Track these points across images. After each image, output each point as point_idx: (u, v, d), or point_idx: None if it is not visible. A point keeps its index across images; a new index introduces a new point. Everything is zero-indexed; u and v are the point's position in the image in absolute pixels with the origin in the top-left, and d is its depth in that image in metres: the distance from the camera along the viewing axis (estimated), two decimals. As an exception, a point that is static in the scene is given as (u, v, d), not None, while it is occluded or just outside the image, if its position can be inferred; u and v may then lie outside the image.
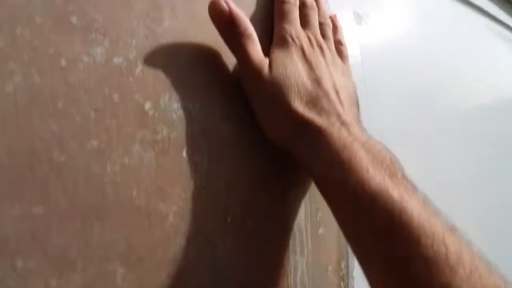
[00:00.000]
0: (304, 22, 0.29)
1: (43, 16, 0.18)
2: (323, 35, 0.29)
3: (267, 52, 0.26)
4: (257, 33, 0.25)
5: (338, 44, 0.30)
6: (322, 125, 0.24)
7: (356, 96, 0.29)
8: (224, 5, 0.23)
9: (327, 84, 0.26)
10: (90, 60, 0.19)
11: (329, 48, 0.29)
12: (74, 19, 0.19)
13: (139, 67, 0.21)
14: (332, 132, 0.23)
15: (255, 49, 0.25)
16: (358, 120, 0.27)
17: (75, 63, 0.19)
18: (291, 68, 0.25)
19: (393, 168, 0.23)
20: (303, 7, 0.29)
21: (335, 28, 0.31)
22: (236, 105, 0.26)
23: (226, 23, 0.24)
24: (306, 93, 0.25)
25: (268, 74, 0.24)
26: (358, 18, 0.36)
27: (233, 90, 0.26)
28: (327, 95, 0.25)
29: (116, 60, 0.20)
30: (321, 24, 0.30)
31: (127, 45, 0.21)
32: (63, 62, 0.18)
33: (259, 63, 0.24)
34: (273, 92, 0.24)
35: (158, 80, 0.22)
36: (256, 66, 0.24)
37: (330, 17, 0.31)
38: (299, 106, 0.24)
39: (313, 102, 0.25)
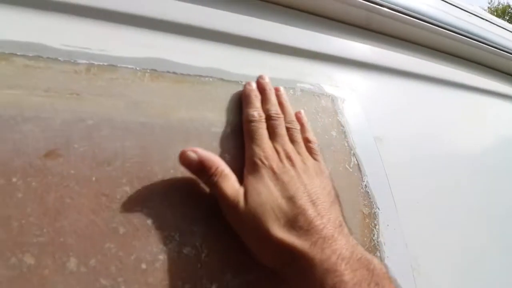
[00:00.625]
0: (272, 133, 0.30)
1: (125, 225, 0.21)
2: (292, 140, 0.31)
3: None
4: (232, 153, 0.28)
5: (307, 143, 0.31)
6: (304, 248, 0.23)
7: (334, 191, 0.30)
8: (192, 154, 0.25)
9: (302, 199, 0.26)
10: (164, 257, 0.21)
11: (299, 153, 0.30)
12: (149, 221, 0.22)
13: (205, 252, 0.23)
14: (315, 255, 0.23)
15: (229, 183, 0.26)
16: (341, 221, 0.27)
17: (153, 264, 0.20)
18: (265, 193, 0.26)
19: (381, 279, 0.23)
20: (269, 119, 0.30)
21: (302, 127, 0.32)
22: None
23: (197, 169, 0.25)
24: (283, 215, 0.25)
25: (243, 205, 0.25)
26: (378, 140, 0.40)
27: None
28: (303, 211, 0.25)
29: (186, 250, 0.22)
30: (288, 130, 0.31)
31: (194, 234, 0.23)
32: (143, 266, 0.20)
33: (235, 196, 0.25)
34: (251, 222, 0.25)
35: (222, 260, 0.23)
36: (232, 200, 0.25)
37: (296, 116, 0.33)
38: (278, 231, 0.24)
39: (291, 222, 0.25)
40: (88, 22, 0.27)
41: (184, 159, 0.25)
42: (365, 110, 0.40)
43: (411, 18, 0.48)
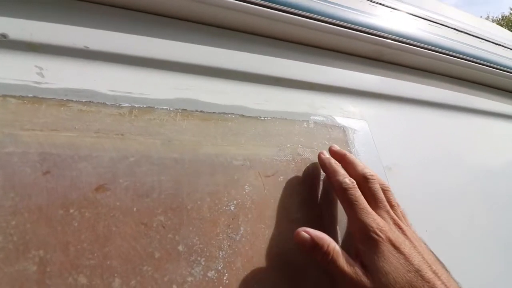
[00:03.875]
0: (372, 198, 0.29)
1: (160, 250, 0.24)
2: (390, 204, 0.30)
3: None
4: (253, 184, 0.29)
5: (398, 206, 0.31)
6: None
7: (426, 244, 0.29)
8: (305, 234, 0.27)
9: (427, 271, 0.26)
10: (192, 279, 0.24)
11: (401, 219, 0.30)
12: (180, 247, 0.25)
13: (226, 275, 0.26)
14: None
15: (344, 261, 0.26)
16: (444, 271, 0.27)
17: (182, 285, 0.24)
18: (391, 272, 0.25)
19: None
20: (365, 182, 0.30)
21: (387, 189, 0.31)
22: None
23: (311, 248, 0.27)
24: None
25: (369, 284, 0.25)
26: (388, 169, 0.42)
27: None
28: (433, 285, 0.25)
29: (210, 274, 0.25)
30: (384, 193, 0.31)
31: (217, 259, 0.26)
32: (174, 286, 0.23)
33: (354, 275, 0.26)
34: None
35: (241, 283, 0.26)
36: (354, 279, 0.25)
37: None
38: None
39: None
40: (130, 69, 0.31)
41: (298, 239, 0.27)
42: (375, 139, 0.42)
43: (420, 49, 0.51)
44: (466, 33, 0.61)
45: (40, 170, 0.24)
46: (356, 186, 0.30)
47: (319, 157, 0.33)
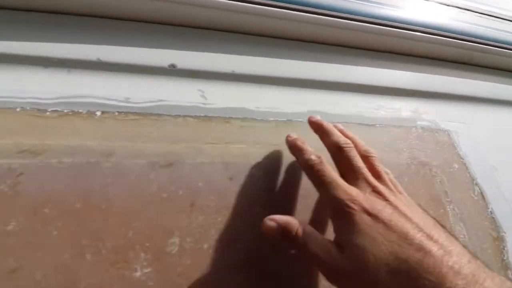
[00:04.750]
0: (348, 169, 0.27)
1: None
2: (374, 171, 0.27)
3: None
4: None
5: (386, 175, 0.27)
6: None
7: (435, 220, 0.25)
8: (271, 223, 0.25)
9: (415, 235, 0.22)
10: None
11: (387, 185, 0.26)
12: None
13: None
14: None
15: (317, 243, 0.24)
16: (467, 254, 0.22)
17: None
18: (369, 247, 0.22)
19: None
20: (339, 151, 0.27)
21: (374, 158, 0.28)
22: None
23: (281, 235, 0.24)
24: (403, 265, 0.21)
25: (349, 268, 0.22)
26: (494, 169, 0.43)
27: None
28: (428, 252, 0.21)
29: None
30: (366, 159, 0.27)
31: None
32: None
33: (330, 258, 0.23)
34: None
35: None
36: (329, 263, 0.23)
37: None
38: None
39: (418, 272, 0.21)
40: (268, 88, 0.36)
41: (265, 229, 0.25)
42: (477, 141, 0.44)
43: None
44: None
45: (227, 176, 0.29)
46: (323, 160, 0.27)
47: (286, 139, 0.30)
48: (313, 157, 0.27)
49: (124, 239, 0.24)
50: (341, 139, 0.28)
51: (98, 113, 0.29)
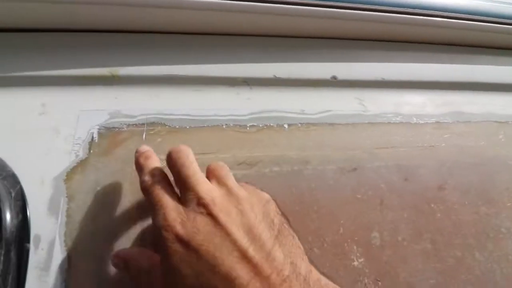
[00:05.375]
0: (177, 180, 0.23)
1: (491, 231, 0.32)
2: (207, 171, 0.23)
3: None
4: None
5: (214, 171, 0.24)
6: None
7: (279, 218, 0.23)
8: (115, 260, 0.23)
9: (224, 257, 0.19)
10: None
11: (219, 188, 0.22)
12: (503, 229, 0.33)
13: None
14: None
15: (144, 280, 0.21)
16: (292, 262, 0.20)
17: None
18: (173, 281, 0.19)
19: None
20: (167, 162, 0.23)
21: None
22: None
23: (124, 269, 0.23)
24: None
25: None
26: None
27: None
28: (226, 275, 0.19)
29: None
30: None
31: None
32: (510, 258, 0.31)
33: None
34: None
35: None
36: None
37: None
38: None
39: None
40: (406, 92, 0.39)
41: (113, 266, 0.23)
42: None
43: None
44: None
45: (402, 177, 0.33)
46: (159, 179, 0.23)
47: (135, 155, 0.26)
48: (146, 177, 0.23)
49: (337, 234, 0.29)
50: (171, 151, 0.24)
51: (286, 126, 0.33)
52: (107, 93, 0.30)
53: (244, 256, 0.19)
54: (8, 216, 0.24)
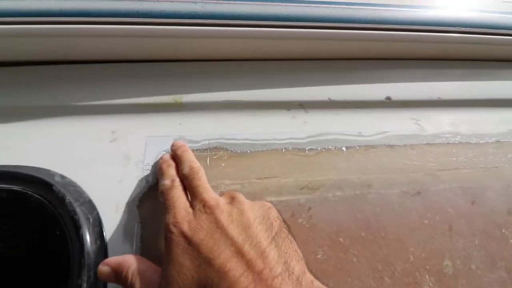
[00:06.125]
0: (189, 190, 0.26)
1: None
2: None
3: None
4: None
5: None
6: None
7: (279, 221, 0.24)
8: (103, 268, 0.23)
9: (220, 252, 0.21)
10: None
11: (214, 199, 0.24)
12: None
13: None
14: None
15: (142, 282, 0.23)
16: (285, 262, 0.21)
17: None
18: (175, 277, 0.21)
19: None
20: (184, 178, 0.26)
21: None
22: None
23: (114, 278, 0.23)
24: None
25: None
26: None
27: None
28: (220, 269, 0.20)
29: None
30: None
31: None
32: None
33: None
34: None
35: None
36: None
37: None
38: None
39: None
40: (455, 111, 0.38)
41: (99, 276, 0.24)
42: None
43: None
44: None
45: (468, 200, 0.31)
46: (175, 184, 0.26)
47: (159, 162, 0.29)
48: (166, 181, 0.26)
49: (408, 263, 0.28)
50: (183, 166, 0.27)
51: (344, 149, 0.33)
52: (172, 120, 0.31)
53: (239, 251, 0.21)
54: (88, 242, 0.24)
